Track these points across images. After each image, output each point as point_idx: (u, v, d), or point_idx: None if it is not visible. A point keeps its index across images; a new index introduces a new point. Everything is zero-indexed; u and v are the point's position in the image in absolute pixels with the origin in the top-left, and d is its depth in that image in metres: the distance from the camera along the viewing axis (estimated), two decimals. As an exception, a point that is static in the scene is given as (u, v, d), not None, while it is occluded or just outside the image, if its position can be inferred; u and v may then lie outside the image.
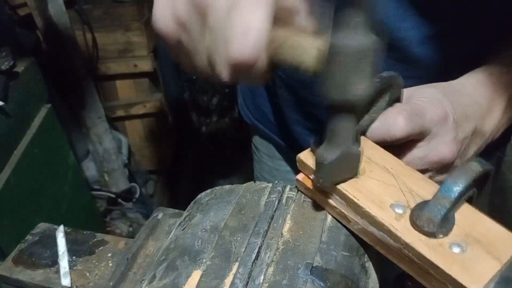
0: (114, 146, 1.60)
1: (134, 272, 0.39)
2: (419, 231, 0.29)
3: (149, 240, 0.41)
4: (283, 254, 0.32)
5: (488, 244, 0.29)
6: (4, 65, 0.94)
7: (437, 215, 0.29)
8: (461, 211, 0.31)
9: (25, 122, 1.06)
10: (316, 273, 0.30)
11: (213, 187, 0.40)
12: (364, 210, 0.31)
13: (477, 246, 0.29)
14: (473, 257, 0.28)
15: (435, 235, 0.29)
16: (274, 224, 0.34)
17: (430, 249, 0.28)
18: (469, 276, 0.27)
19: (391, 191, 0.32)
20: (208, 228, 0.35)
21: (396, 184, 0.33)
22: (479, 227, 0.30)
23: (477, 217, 0.31)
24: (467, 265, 0.27)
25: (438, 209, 0.29)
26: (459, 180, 0.29)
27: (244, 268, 0.30)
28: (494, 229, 0.30)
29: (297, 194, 0.37)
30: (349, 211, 0.33)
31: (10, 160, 0.99)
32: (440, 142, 0.39)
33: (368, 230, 0.32)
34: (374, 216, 0.31)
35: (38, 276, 0.42)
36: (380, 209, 0.31)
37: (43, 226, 0.48)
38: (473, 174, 0.29)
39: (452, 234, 0.29)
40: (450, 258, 0.28)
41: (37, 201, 1.09)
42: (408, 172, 0.34)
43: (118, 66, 1.62)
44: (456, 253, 0.28)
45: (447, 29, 0.50)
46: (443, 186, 0.29)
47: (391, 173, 0.34)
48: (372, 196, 0.32)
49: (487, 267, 0.27)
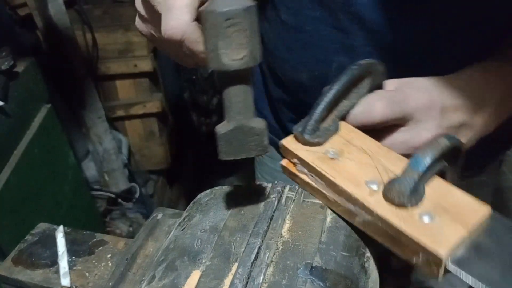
0: (114, 146, 1.60)
1: (133, 272, 0.39)
2: (391, 204, 0.31)
3: (148, 241, 0.41)
4: (282, 254, 0.32)
5: (456, 212, 0.30)
6: (4, 65, 0.94)
7: (406, 187, 0.30)
8: (432, 184, 0.32)
9: (25, 122, 1.06)
10: (316, 273, 0.30)
11: (213, 187, 0.40)
12: (341, 188, 0.33)
13: (445, 215, 0.30)
14: (441, 225, 0.30)
15: (405, 206, 0.30)
16: (273, 224, 0.34)
17: (401, 220, 0.30)
18: (436, 242, 0.29)
19: (367, 170, 0.34)
20: (207, 228, 0.35)
21: (373, 163, 0.34)
22: (448, 198, 0.31)
23: (447, 189, 0.32)
24: (435, 232, 0.29)
25: (407, 181, 0.30)
26: (426, 153, 0.31)
27: (244, 269, 0.30)
28: (463, 199, 0.31)
29: (296, 194, 0.37)
30: (328, 191, 0.34)
31: (10, 160, 0.99)
32: (423, 128, 0.39)
33: (346, 207, 0.33)
34: (350, 193, 0.32)
35: (38, 276, 0.42)
36: (356, 187, 0.33)
37: (43, 226, 0.48)
38: (441, 148, 0.31)
39: (422, 205, 0.31)
40: (419, 227, 0.30)
41: (37, 201, 1.09)
42: (385, 153, 0.35)
43: (118, 66, 1.62)
44: (425, 222, 0.30)
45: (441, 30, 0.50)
46: (411, 159, 0.31)
47: (368, 154, 0.35)
48: (349, 175, 0.34)
49: (454, 233, 0.29)
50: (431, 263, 0.29)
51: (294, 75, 0.62)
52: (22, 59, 1.06)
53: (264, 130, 0.32)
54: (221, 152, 0.32)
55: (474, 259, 0.28)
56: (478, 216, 0.30)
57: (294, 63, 0.61)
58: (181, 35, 0.34)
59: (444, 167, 0.33)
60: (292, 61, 0.61)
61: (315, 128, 0.36)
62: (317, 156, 0.35)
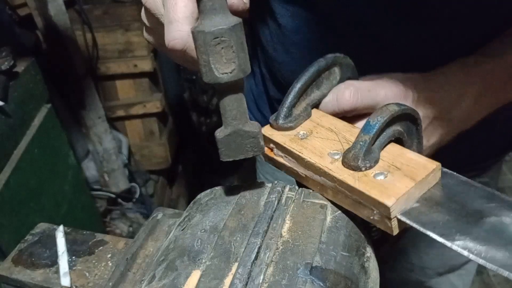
0: (114, 146, 1.60)
1: (133, 272, 0.39)
2: (348, 167, 0.34)
3: (148, 241, 0.41)
4: (282, 254, 0.32)
5: (407, 170, 0.33)
6: (4, 65, 0.94)
7: (359, 150, 0.33)
8: (388, 149, 0.35)
9: (25, 122, 1.07)
10: (316, 273, 0.30)
11: (213, 187, 0.40)
12: (307, 161, 0.36)
13: (397, 172, 0.33)
14: (392, 181, 0.32)
15: (360, 168, 0.33)
16: (273, 224, 0.34)
17: (356, 180, 0.33)
18: (384, 194, 0.31)
19: (331, 144, 0.37)
20: (207, 228, 0.35)
21: (337, 138, 0.38)
22: (401, 159, 0.34)
23: (401, 152, 0.35)
24: (386, 187, 0.32)
25: (360, 145, 0.33)
26: (376, 118, 0.33)
27: (244, 268, 0.30)
28: (415, 159, 0.34)
29: (296, 194, 0.38)
30: (299, 167, 0.37)
31: (10, 160, 0.99)
32: None
33: (314, 179, 0.36)
34: (314, 164, 0.35)
35: (38, 276, 0.42)
36: (319, 158, 0.36)
37: (43, 226, 0.48)
38: (389, 112, 0.33)
39: (377, 166, 0.34)
40: (372, 184, 0.32)
41: (37, 201, 1.09)
42: (349, 129, 0.39)
43: (118, 66, 1.62)
44: (378, 180, 0.33)
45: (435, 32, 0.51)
46: (363, 126, 0.34)
47: (334, 131, 0.39)
48: (314, 149, 0.37)
49: (403, 186, 0.31)
50: (384, 217, 0.31)
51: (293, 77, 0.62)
52: (22, 59, 1.06)
53: (259, 133, 0.35)
54: (221, 155, 0.35)
55: (424, 210, 0.30)
56: (427, 171, 0.32)
57: (293, 66, 0.61)
58: (183, 45, 0.35)
59: (398, 133, 0.35)
60: (290, 64, 0.62)
61: (287, 114, 0.40)
62: (289, 138, 0.39)
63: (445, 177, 0.33)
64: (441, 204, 0.31)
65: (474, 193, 0.32)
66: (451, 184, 0.33)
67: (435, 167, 0.33)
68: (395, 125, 0.35)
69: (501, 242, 0.27)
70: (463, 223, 0.29)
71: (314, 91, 0.41)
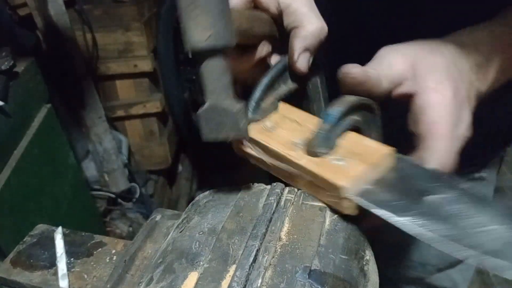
0: (114, 146, 1.60)
1: (131, 274, 0.39)
2: (309, 154, 0.36)
3: (147, 242, 0.41)
4: (281, 257, 0.32)
5: (363, 155, 0.35)
6: (4, 65, 0.94)
7: (319, 138, 0.36)
8: (347, 137, 0.38)
9: (25, 122, 1.06)
10: (314, 277, 0.30)
11: (212, 189, 0.40)
12: (273, 149, 0.38)
13: (353, 158, 0.35)
14: (348, 165, 0.34)
15: (320, 155, 0.36)
16: (272, 226, 0.34)
17: (314, 164, 0.35)
18: (338, 176, 0.33)
19: (296, 134, 0.39)
20: (205, 230, 0.35)
21: (302, 129, 0.40)
22: (359, 146, 0.36)
23: (359, 139, 0.37)
24: (340, 170, 0.34)
25: (320, 133, 0.36)
26: (335, 108, 0.35)
27: (242, 271, 0.30)
28: (372, 146, 0.36)
29: (295, 196, 0.37)
30: (266, 157, 0.39)
31: (10, 160, 0.98)
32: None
33: (280, 167, 0.38)
34: (279, 152, 0.37)
35: (36, 278, 0.42)
36: (284, 146, 0.38)
37: (42, 228, 0.48)
38: (347, 102, 0.35)
39: (335, 153, 0.36)
40: (329, 168, 0.34)
41: (37, 201, 1.09)
42: (313, 120, 0.41)
43: (118, 66, 1.62)
44: (335, 164, 0.35)
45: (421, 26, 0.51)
46: (324, 115, 0.36)
47: (299, 122, 0.41)
48: (280, 139, 0.39)
49: (356, 169, 0.34)
50: (340, 198, 0.33)
51: None
52: (22, 59, 1.06)
53: (238, 113, 0.34)
54: (202, 133, 0.35)
55: (375, 191, 0.33)
56: (380, 156, 0.34)
57: None
58: None
59: (356, 122, 0.37)
60: None
61: (255, 107, 0.41)
62: (257, 130, 0.40)
63: (400, 162, 0.36)
64: (392, 185, 0.33)
65: (422, 175, 0.34)
66: (404, 168, 0.35)
67: (388, 152, 0.35)
68: (353, 115, 0.37)
69: (439, 217, 0.30)
70: (409, 201, 0.31)
71: (281, 86, 0.43)
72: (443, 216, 0.30)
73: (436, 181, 0.33)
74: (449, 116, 0.37)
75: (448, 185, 0.32)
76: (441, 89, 0.38)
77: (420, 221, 0.29)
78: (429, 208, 0.31)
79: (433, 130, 0.37)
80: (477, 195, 0.31)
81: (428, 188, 0.32)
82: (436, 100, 0.38)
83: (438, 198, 0.31)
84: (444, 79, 0.39)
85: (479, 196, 0.31)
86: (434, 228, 0.29)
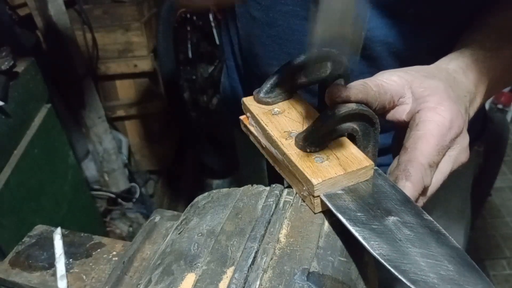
0: (114, 146, 1.60)
1: (130, 275, 0.39)
2: (297, 146, 0.37)
3: (145, 244, 0.41)
4: (279, 259, 0.32)
5: (343, 160, 0.36)
6: (4, 65, 0.94)
7: (310, 133, 0.36)
8: (338, 141, 0.38)
9: (25, 122, 1.06)
10: (313, 279, 0.30)
11: (211, 190, 0.40)
12: (268, 132, 0.39)
13: (335, 161, 0.36)
14: (326, 166, 0.36)
15: (305, 149, 0.37)
16: (271, 228, 0.34)
17: (297, 157, 0.37)
18: (315, 174, 0.35)
19: (294, 125, 0.40)
20: (204, 232, 0.35)
21: (302, 121, 0.41)
22: (345, 152, 0.37)
23: (349, 147, 0.38)
24: (319, 169, 0.35)
25: (312, 129, 0.36)
26: (334, 111, 0.36)
27: (240, 273, 0.30)
28: (355, 154, 0.37)
29: (294, 198, 0.37)
30: (262, 137, 0.41)
31: (10, 160, 0.99)
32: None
33: (271, 151, 0.40)
34: (272, 136, 0.39)
35: (35, 279, 0.42)
36: (278, 132, 0.39)
37: (40, 228, 0.48)
38: (347, 109, 0.36)
39: (320, 152, 0.37)
40: (309, 164, 0.36)
41: (37, 201, 1.09)
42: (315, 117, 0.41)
43: (118, 66, 1.62)
44: (316, 162, 0.36)
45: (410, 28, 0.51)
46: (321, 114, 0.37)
47: (303, 116, 0.42)
48: (278, 125, 0.40)
49: (333, 172, 0.35)
50: (310, 194, 0.35)
51: (268, 70, 0.62)
52: (22, 59, 1.06)
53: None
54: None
55: (344, 198, 0.34)
56: (359, 166, 0.35)
57: (268, 58, 0.61)
58: None
59: (352, 130, 0.38)
60: (265, 57, 0.61)
61: (269, 90, 0.43)
62: (263, 111, 0.42)
63: (378, 179, 0.37)
64: (362, 197, 0.34)
65: (394, 196, 0.35)
66: (380, 185, 0.36)
67: (368, 165, 0.36)
68: (351, 122, 0.38)
69: (391, 238, 0.31)
70: (370, 216, 0.32)
71: (302, 78, 0.43)
72: (391, 237, 0.31)
73: (403, 206, 0.34)
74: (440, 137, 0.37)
75: (413, 212, 0.33)
76: (440, 111, 0.38)
77: (366, 234, 0.31)
78: (383, 226, 0.32)
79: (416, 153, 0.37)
80: (435, 229, 0.32)
81: (393, 209, 0.33)
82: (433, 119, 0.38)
83: (396, 221, 0.32)
84: (444, 100, 0.39)
85: (436, 230, 0.32)
86: (375, 244, 0.30)
